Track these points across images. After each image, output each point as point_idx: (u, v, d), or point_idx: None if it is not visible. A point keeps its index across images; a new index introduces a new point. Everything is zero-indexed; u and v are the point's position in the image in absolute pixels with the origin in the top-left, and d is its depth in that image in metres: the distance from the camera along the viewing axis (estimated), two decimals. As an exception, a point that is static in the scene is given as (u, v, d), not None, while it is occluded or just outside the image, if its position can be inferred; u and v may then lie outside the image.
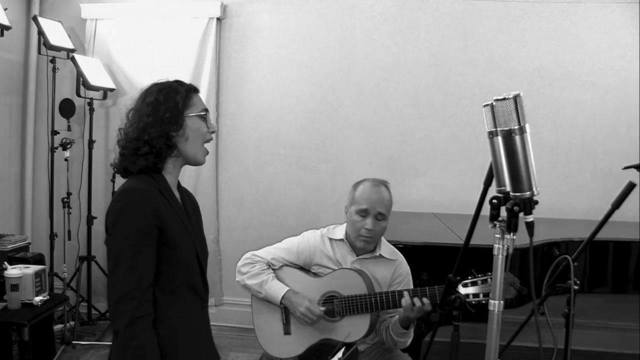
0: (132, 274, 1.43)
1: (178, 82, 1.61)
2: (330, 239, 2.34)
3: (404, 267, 2.34)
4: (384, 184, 2.30)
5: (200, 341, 1.61)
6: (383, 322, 2.28)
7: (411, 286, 2.31)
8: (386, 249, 2.34)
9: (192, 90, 1.61)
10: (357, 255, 2.31)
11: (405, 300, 2.10)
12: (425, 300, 2.09)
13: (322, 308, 2.22)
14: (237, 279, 2.34)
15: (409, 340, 2.25)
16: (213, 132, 1.63)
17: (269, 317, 2.30)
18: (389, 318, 2.26)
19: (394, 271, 2.32)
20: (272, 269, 2.32)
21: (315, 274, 2.32)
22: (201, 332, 1.62)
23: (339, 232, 2.35)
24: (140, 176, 1.53)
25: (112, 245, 1.47)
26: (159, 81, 1.62)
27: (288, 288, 2.25)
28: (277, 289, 2.24)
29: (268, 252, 2.35)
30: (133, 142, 1.53)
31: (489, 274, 2.02)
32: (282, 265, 2.33)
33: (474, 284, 2.05)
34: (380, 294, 2.18)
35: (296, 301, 2.21)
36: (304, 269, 2.34)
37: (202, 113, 1.59)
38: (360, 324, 2.20)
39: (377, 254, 2.30)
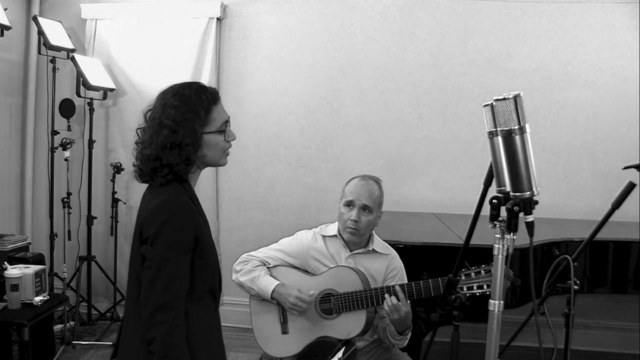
0: (173, 284, 1.45)
1: (197, 94, 1.53)
2: (324, 236, 2.38)
3: (398, 261, 2.37)
4: (374, 179, 2.36)
5: (221, 342, 1.65)
6: (382, 319, 2.28)
7: (405, 280, 2.33)
8: (378, 243, 2.38)
9: (211, 102, 1.55)
10: (350, 251, 2.33)
11: (387, 303, 2.11)
12: (400, 294, 2.11)
13: (312, 292, 2.23)
14: (232, 278, 2.38)
15: (406, 342, 2.27)
16: (233, 140, 1.60)
17: (266, 317, 2.32)
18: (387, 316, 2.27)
19: (387, 265, 2.34)
20: (267, 267, 2.35)
21: (311, 273, 2.33)
22: (220, 333, 1.65)
23: (332, 229, 2.39)
24: (172, 185, 1.53)
25: (153, 255, 1.47)
26: (180, 86, 1.55)
27: (278, 282, 2.27)
28: (267, 284, 2.27)
29: (262, 252, 2.39)
30: (151, 162, 1.51)
31: (483, 266, 2.04)
32: (278, 265, 2.35)
33: (467, 276, 2.06)
34: (375, 289, 2.20)
35: (285, 292, 2.23)
36: (300, 268, 2.36)
37: (221, 129, 1.56)
38: (356, 320, 2.21)
39: (371, 249, 2.34)
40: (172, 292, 1.45)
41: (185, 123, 1.49)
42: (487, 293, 1.96)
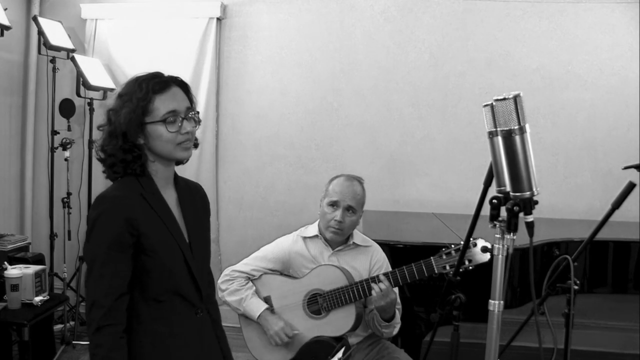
0: (101, 282, 1.42)
1: (139, 83, 1.48)
2: (304, 238, 2.39)
3: (380, 253, 2.39)
4: (358, 179, 2.37)
5: (192, 349, 1.54)
6: (370, 311, 2.29)
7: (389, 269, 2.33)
8: (359, 237, 2.39)
9: (151, 92, 1.46)
10: (332, 249, 2.34)
11: (375, 290, 2.13)
12: (385, 282, 2.13)
13: (296, 332, 2.25)
14: (219, 296, 2.34)
15: (395, 331, 2.27)
16: (185, 132, 1.47)
17: (257, 327, 2.32)
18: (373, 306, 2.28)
19: (371, 258, 2.36)
20: (253, 280, 2.35)
21: (295, 277, 2.34)
22: (193, 339, 1.55)
23: (312, 229, 2.39)
24: (123, 179, 1.49)
25: (87, 252, 1.47)
26: (134, 76, 1.53)
27: (266, 307, 2.28)
28: (255, 307, 2.28)
29: (246, 265, 2.38)
30: (99, 154, 1.50)
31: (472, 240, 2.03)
32: (262, 275, 2.35)
33: (448, 255, 2.07)
34: (360, 281, 2.20)
35: (271, 321, 2.26)
36: (284, 273, 2.36)
37: (164, 119, 1.45)
38: (346, 316, 2.22)
39: (351, 243, 2.35)
40: (102, 290, 1.41)
41: (120, 112, 1.46)
42: (488, 259, 1.96)
